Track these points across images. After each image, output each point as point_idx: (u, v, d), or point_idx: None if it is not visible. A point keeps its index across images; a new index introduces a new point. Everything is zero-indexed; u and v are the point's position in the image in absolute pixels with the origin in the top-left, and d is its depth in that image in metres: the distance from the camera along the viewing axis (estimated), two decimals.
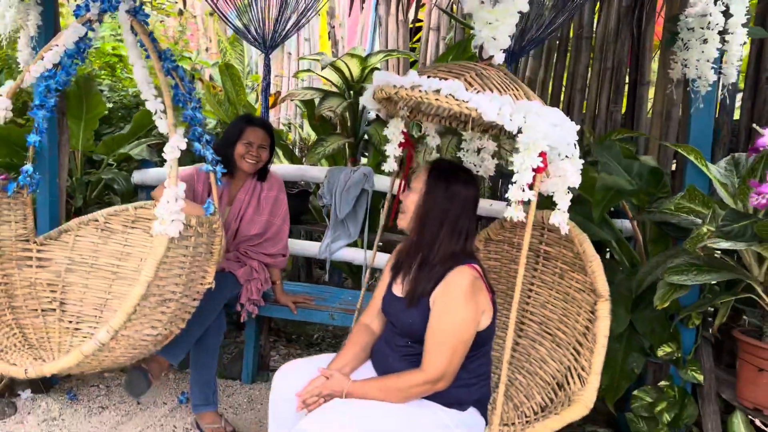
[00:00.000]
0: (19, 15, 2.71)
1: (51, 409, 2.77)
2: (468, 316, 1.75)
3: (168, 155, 2.04)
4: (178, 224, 1.98)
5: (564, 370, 2.11)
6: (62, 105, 2.93)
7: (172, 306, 2.11)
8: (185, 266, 2.09)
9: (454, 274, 1.79)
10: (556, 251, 2.28)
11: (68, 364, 1.94)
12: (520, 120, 1.70)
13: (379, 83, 1.92)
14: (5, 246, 2.48)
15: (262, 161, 2.86)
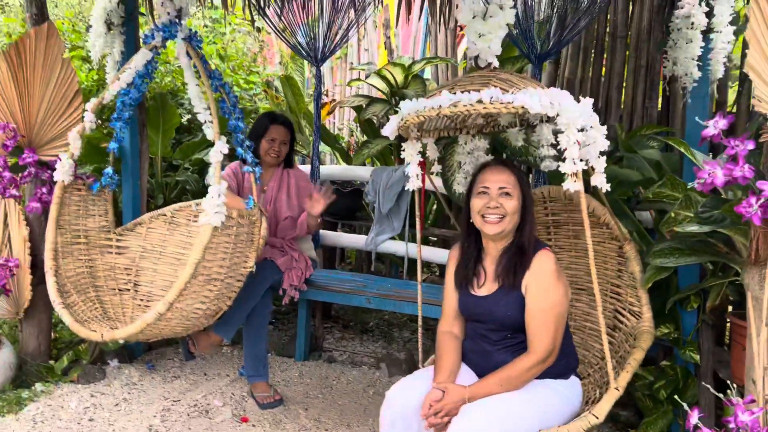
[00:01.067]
0: (106, 43, 3.23)
1: (132, 376, 3.27)
2: (562, 292, 1.94)
3: (212, 158, 2.45)
4: (220, 216, 2.38)
5: (611, 314, 2.33)
6: (143, 118, 3.44)
7: (218, 285, 2.51)
8: (228, 251, 2.49)
9: (539, 258, 1.96)
10: (564, 218, 2.50)
11: (134, 330, 2.37)
12: (557, 106, 1.90)
13: (411, 110, 2.02)
14: (91, 235, 2.98)
15: (282, 155, 3.32)
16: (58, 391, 3.04)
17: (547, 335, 1.90)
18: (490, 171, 2.04)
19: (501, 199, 1.99)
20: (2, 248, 3.11)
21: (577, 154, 1.80)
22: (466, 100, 1.89)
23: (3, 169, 2.88)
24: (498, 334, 2.02)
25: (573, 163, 1.81)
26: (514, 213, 1.99)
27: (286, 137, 3.31)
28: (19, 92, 2.93)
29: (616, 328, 2.33)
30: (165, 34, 2.63)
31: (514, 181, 2.01)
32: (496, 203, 1.98)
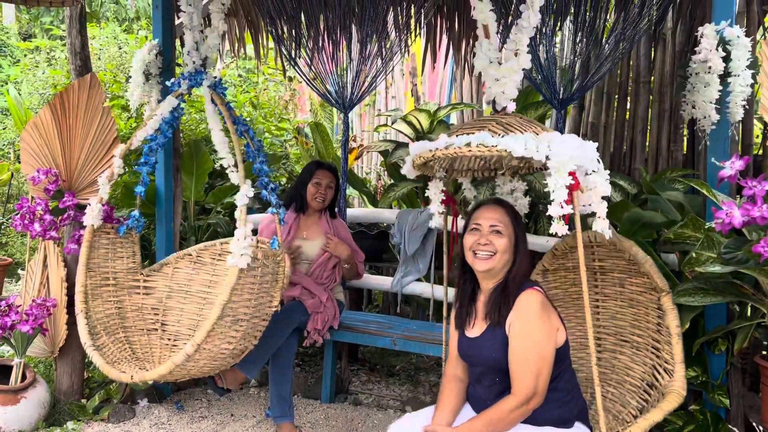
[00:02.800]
0: (144, 92, 3.40)
1: (161, 416, 3.32)
2: (544, 334, 1.90)
3: (238, 201, 2.54)
4: (246, 258, 2.45)
5: (650, 370, 2.28)
6: (177, 163, 3.58)
7: (244, 325, 2.56)
8: (254, 292, 2.56)
9: (523, 297, 1.95)
10: (610, 264, 2.46)
11: (164, 371, 2.43)
12: (545, 149, 1.96)
13: (416, 152, 2.20)
14: (119, 277, 3.07)
15: (328, 199, 3.40)
16: (88, 429, 3.10)
17: (528, 376, 1.87)
18: (483, 209, 2.08)
19: (491, 237, 2.01)
20: (41, 289, 3.23)
21: (565, 197, 1.84)
22: (458, 143, 1.97)
23: (44, 212, 3.02)
24: (489, 378, 2.01)
25: (560, 206, 1.85)
26: (504, 251, 2.00)
27: (332, 181, 3.41)
28: (61, 139, 3.09)
29: (652, 386, 2.24)
30: (191, 81, 2.77)
31: (507, 220, 2.04)
32: (486, 240, 2.01)
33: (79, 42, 3.25)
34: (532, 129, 2.07)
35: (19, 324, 2.99)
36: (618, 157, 3.96)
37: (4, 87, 9.80)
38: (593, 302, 2.54)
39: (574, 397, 2.01)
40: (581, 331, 2.57)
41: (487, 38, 2.31)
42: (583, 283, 1.89)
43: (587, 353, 2.51)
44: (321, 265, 3.35)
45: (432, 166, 2.50)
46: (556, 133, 2.02)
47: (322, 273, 3.37)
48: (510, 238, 2.02)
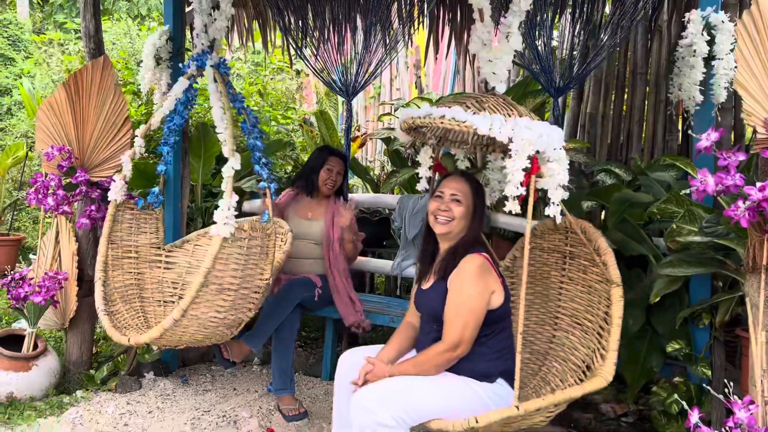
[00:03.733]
0: (154, 76, 3.53)
1: (167, 388, 3.43)
2: (476, 292, 2.12)
3: (225, 172, 2.65)
4: (229, 227, 2.56)
5: (591, 354, 2.39)
6: (186, 145, 3.70)
7: (231, 295, 2.65)
8: (240, 262, 2.65)
9: (467, 258, 2.18)
10: (579, 250, 2.56)
11: (155, 335, 2.56)
12: (508, 132, 2.09)
13: (403, 118, 2.42)
14: (142, 250, 3.21)
15: (338, 184, 3.54)
16: (96, 398, 3.22)
17: (456, 326, 2.09)
18: (449, 179, 2.33)
19: (451, 204, 2.24)
20: (53, 262, 3.35)
21: (521, 179, 2.00)
22: (435, 114, 2.11)
23: (58, 187, 3.15)
24: (430, 326, 2.25)
25: (515, 188, 2.01)
26: (461, 218, 2.24)
27: (342, 168, 3.53)
28: (75, 118, 3.21)
29: (589, 368, 2.35)
30: (198, 62, 2.89)
31: (468, 191, 2.28)
32: (446, 207, 2.24)
33: (93, 25, 3.38)
34: (507, 111, 2.18)
35: (31, 295, 3.11)
36: (615, 146, 4.06)
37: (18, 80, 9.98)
38: (558, 283, 2.65)
39: (501, 357, 2.20)
40: (545, 309, 2.69)
41: (482, 21, 2.43)
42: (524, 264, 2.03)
43: (545, 329, 2.66)
44: (329, 240, 3.47)
45: (424, 134, 2.62)
46: (528, 118, 2.13)
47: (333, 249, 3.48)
48: (468, 208, 2.25)
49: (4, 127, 9.64)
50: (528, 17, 2.77)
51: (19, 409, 2.97)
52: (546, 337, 2.65)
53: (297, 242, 3.43)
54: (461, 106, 2.21)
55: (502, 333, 2.25)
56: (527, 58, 3.45)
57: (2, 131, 9.48)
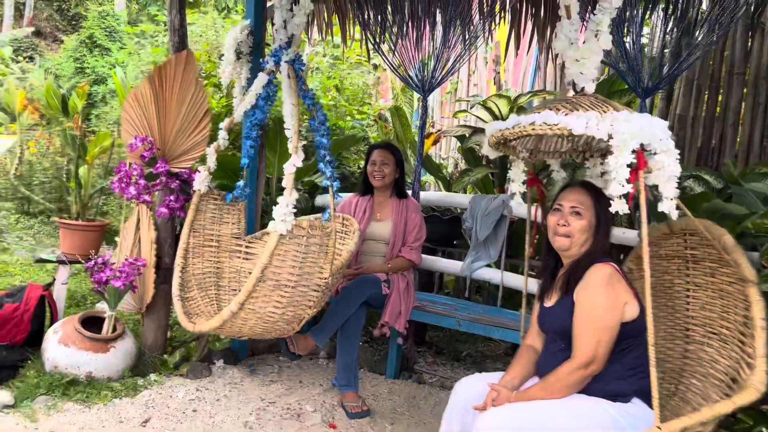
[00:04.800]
0: (235, 70, 3.58)
1: (235, 376, 3.50)
2: (607, 303, 1.96)
3: (286, 169, 2.65)
4: (287, 224, 2.55)
5: (735, 364, 2.18)
6: (263, 140, 3.75)
7: (288, 291, 2.65)
8: (298, 260, 2.64)
9: (592, 269, 2.03)
10: (702, 252, 2.36)
11: (214, 325, 2.61)
12: (607, 127, 1.96)
13: (491, 132, 2.26)
14: (223, 240, 3.29)
15: (387, 176, 3.49)
16: (168, 382, 3.32)
17: (587, 342, 1.94)
18: (567, 190, 2.17)
19: (570, 218, 2.10)
20: (133, 249, 3.48)
21: (626, 176, 1.82)
22: (524, 122, 1.98)
23: (140, 176, 3.26)
24: (557, 345, 2.11)
25: (621, 185, 1.83)
26: (582, 232, 2.09)
27: (387, 158, 3.50)
28: (158, 110, 3.31)
29: (735, 381, 2.14)
30: (275, 58, 2.90)
31: (589, 202, 2.10)
32: (564, 221, 2.10)
33: (178, 20, 3.47)
34: (602, 108, 2.04)
35: (112, 280, 3.24)
36: (705, 151, 3.82)
37: (112, 70, 10.50)
38: (684, 291, 2.44)
39: (636, 374, 2.01)
40: (673, 322, 2.48)
41: (568, 19, 2.30)
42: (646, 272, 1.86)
43: (676, 344, 2.45)
44: (395, 244, 3.44)
45: (514, 147, 2.50)
46: (626, 111, 1.98)
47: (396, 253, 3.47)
48: (590, 221, 2.10)
49: (99, 113, 10.18)
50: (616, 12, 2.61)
51: (97, 388, 3.10)
52: (678, 352, 2.45)
53: (369, 243, 3.46)
54: (551, 109, 2.09)
55: (637, 349, 2.03)
56: (614, 56, 3.28)
57: (97, 118, 10.01)
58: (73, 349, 3.14)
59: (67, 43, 13.63)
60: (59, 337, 3.18)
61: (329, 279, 2.81)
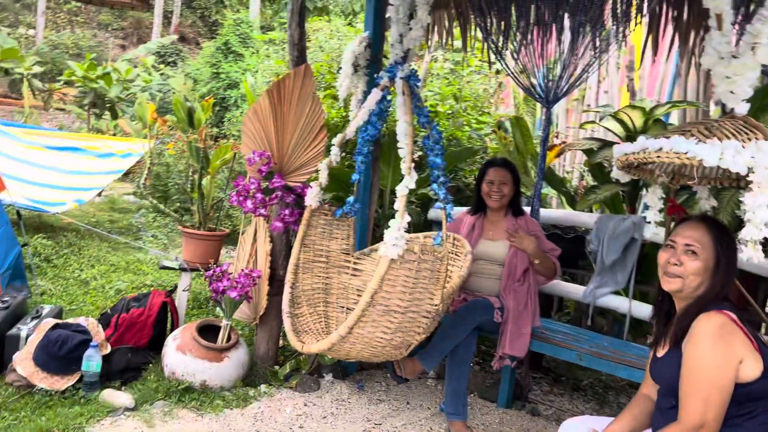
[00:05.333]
0: (352, 83, 3.55)
1: (342, 392, 3.47)
2: (716, 358, 1.72)
3: (399, 191, 2.53)
4: (398, 249, 2.44)
5: None
6: (376, 152, 3.69)
7: (398, 317, 2.54)
8: (408, 285, 2.52)
9: (702, 318, 1.79)
10: None
11: (322, 347, 2.57)
12: (746, 160, 1.71)
13: (616, 155, 2.12)
14: (332, 256, 3.27)
15: (505, 196, 3.29)
16: (278, 394, 3.34)
17: (694, 404, 1.71)
18: (683, 225, 1.91)
19: (684, 257, 1.87)
20: (249, 260, 3.55)
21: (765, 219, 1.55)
22: (651, 147, 1.75)
23: (257, 190, 3.30)
24: (666, 401, 1.90)
25: (758, 229, 1.55)
26: (696, 275, 1.85)
27: (506, 178, 3.30)
28: (276, 124, 3.34)
29: None
30: (390, 74, 2.81)
31: (707, 241, 1.84)
32: (676, 260, 1.88)
33: (297, 34, 3.48)
34: (746, 136, 1.77)
35: (229, 290, 3.31)
36: None
37: (243, 75, 11.01)
38: None
39: None
40: None
41: (719, 30, 2.02)
42: None
43: None
44: (511, 267, 3.24)
45: (652, 170, 2.25)
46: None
47: (513, 277, 3.24)
48: (706, 262, 1.85)
49: (231, 117, 10.72)
50: None
51: (210, 397, 3.18)
52: None
53: (479, 262, 3.27)
54: (685, 135, 1.86)
55: (764, 415, 1.77)
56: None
57: (229, 121, 10.54)
58: (189, 356, 3.24)
59: (205, 49, 14.52)
60: (177, 344, 3.29)
61: (440, 305, 2.68)
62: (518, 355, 3.12)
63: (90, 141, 7.03)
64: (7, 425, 2.75)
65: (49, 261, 5.21)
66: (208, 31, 20.76)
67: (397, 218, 2.53)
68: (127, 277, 5.10)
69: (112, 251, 5.84)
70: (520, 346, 3.12)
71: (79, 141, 6.92)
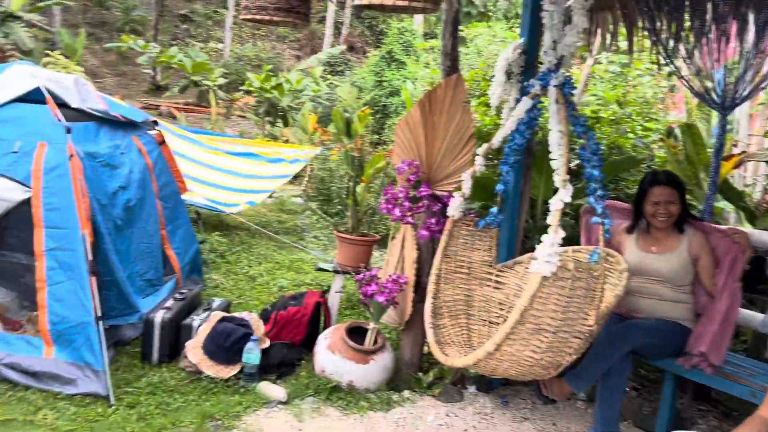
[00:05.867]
0: (504, 91, 3.47)
1: (486, 406, 3.41)
2: None
3: (553, 205, 2.40)
4: (551, 266, 2.31)
5: None
6: (528, 161, 3.58)
7: (548, 336, 2.42)
8: (561, 304, 2.39)
9: None
10: None
11: (467, 362, 2.52)
12: None
13: None
14: (474, 267, 3.23)
15: (673, 216, 3.00)
16: (420, 401, 3.37)
17: None
18: None
19: None
20: (397, 266, 3.62)
21: None
22: None
23: (405, 199, 3.36)
24: None
25: None
26: None
27: (672, 197, 3.01)
28: (425, 134, 3.37)
29: None
30: (542, 82, 2.71)
31: None
32: None
33: (450, 44, 3.49)
34: None
35: (377, 294, 3.40)
36: None
37: (404, 83, 11.29)
38: None
39: None
40: None
41: None
42: None
43: None
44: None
45: None
46: None
47: (734, 276, 2.98)
48: None
49: (391, 124, 11.04)
50: None
51: (356, 397, 3.29)
52: None
53: (636, 278, 3.03)
54: None
55: None
56: None
57: (389, 128, 10.87)
58: (338, 356, 3.38)
59: (370, 57, 15.08)
60: (328, 344, 3.45)
61: (594, 326, 2.54)
62: (714, 362, 2.84)
63: (263, 147, 7.60)
64: (178, 407, 3.07)
65: (222, 257, 5.70)
66: (375, 40, 21.54)
67: (550, 233, 2.43)
68: (289, 275, 5.44)
69: (278, 250, 6.26)
70: (718, 352, 2.85)
71: (254, 147, 7.50)
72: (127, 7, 19.15)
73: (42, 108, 3.33)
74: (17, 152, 3.17)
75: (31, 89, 3.42)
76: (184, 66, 13.14)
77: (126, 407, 3.00)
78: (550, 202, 2.48)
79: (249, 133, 12.71)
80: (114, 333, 3.48)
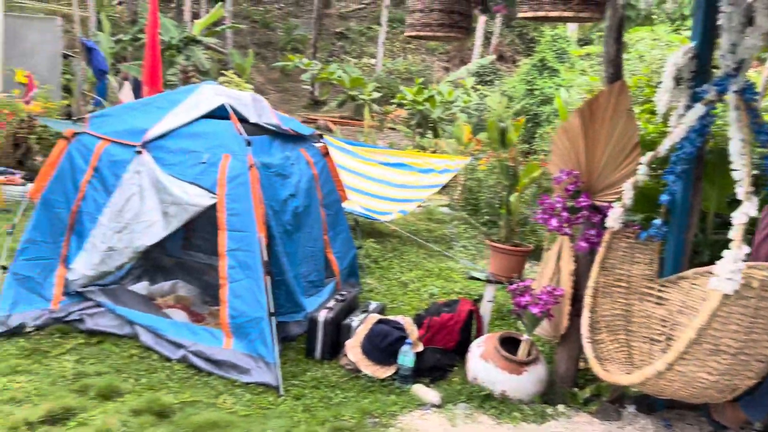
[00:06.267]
0: (673, 97, 3.31)
1: (646, 428, 3.25)
2: None
3: (736, 218, 2.24)
4: (732, 283, 2.16)
5: None
6: (699, 171, 3.37)
7: (727, 358, 2.26)
8: (743, 324, 2.23)
9: None
10: None
11: (633, 381, 2.44)
12: None
13: None
14: (633, 281, 3.12)
15: None
16: (575, 417, 3.29)
17: None
18: None
19: None
20: (552, 278, 3.56)
21: None
22: None
23: (562, 209, 3.31)
24: None
25: None
26: None
27: None
28: (585, 143, 3.30)
29: None
30: (719, 87, 2.56)
31: None
32: None
33: (613, 50, 3.39)
34: None
35: (530, 306, 3.38)
36: None
37: (557, 91, 10.99)
38: None
39: None
40: None
41: None
42: None
43: None
44: None
45: None
46: None
47: None
48: None
49: (543, 133, 10.80)
50: None
51: (509, 407, 3.29)
52: None
53: None
54: None
55: None
56: None
57: (541, 138, 10.63)
58: (491, 365, 3.40)
59: (521, 66, 14.87)
60: (481, 352, 3.48)
61: None
62: None
63: (413, 158, 7.80)
64: (339, 401, 3.26)
65: (376, 263, 5.93)
66: (526, 49, 21.20)
67: (732, 248, 2.30)
68: (438, 283, 5.54)
69: (427, 258, 6.39)
70: None
71: (405, 157, 7.72)
72: (289, 27, 20.52)
73: (226, 123, 3.71)
74: (205, 163, 3.56)
75: (216, 106, 3.83)
76: (342, 81, 13.82)
77: (293, 398, 3.24)
78: (733, 216, 2.33)
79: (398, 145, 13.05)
80: (282, 329, 3.77)
